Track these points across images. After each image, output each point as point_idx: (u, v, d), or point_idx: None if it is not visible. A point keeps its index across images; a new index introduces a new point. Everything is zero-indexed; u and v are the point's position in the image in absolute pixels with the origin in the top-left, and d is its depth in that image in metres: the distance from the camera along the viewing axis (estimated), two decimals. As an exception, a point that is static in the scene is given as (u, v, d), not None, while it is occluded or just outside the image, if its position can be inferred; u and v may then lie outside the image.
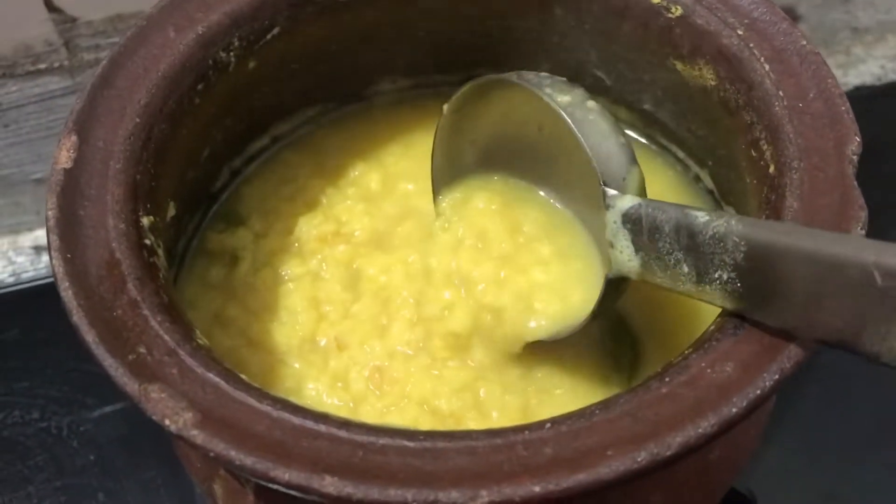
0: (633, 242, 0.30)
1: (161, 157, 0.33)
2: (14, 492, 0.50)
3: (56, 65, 0.60)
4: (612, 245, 0.31)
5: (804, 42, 0.33)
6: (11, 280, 0.64)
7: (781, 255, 0.25)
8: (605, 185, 0.31)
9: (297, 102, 0.43)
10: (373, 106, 0.45)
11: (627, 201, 0.31)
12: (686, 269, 0.28)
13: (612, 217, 0.31)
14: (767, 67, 0.32)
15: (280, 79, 0.41)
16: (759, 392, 0.25)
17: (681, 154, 0.42)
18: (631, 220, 0.30)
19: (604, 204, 0.31)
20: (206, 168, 0.40)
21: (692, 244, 0.28)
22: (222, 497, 0.32)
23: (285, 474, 0.24)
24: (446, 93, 0.39)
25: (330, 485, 0.24)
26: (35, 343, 0.57)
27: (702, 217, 0.27)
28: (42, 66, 0.60)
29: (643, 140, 0.43)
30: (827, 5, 0.71)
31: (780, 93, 0.32)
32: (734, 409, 0.25)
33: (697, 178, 0.41)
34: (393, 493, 0.23)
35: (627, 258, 0.31)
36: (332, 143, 0.44)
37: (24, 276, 0.65)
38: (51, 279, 0.64)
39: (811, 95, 0.32)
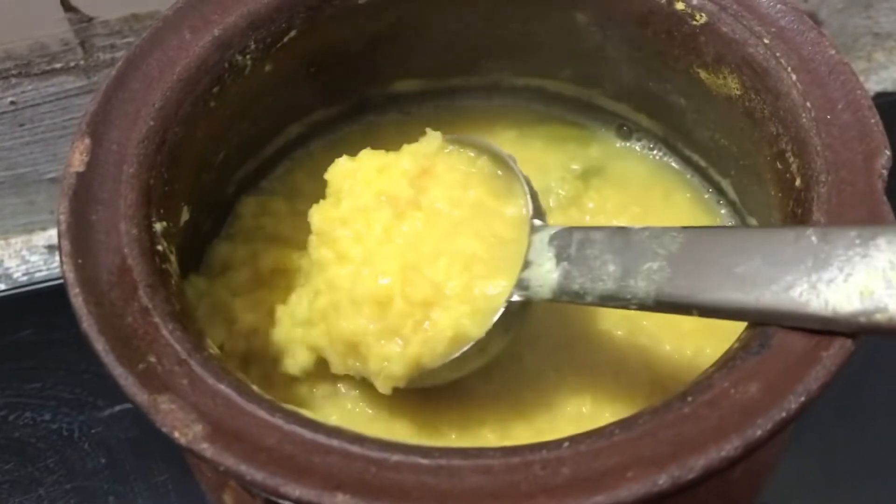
0: (557, 255, 0.32)
1: (175, 160, 0.32)
2: (25, 494, 0.50)
3: (72, 64, 0.60)
4: (528, 265, 0.33)
5: (833, 52, 0.32)
6: (25, 279, 0.64)
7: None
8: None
9: (314, 106, 0.43)
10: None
11: (556, 227, 0.33)
12: (612, 267, 0.30)
13: (539, 238, 0.33)
14: (794, 77, 0.32)
15: (296, 81, 0.40)
16: (784, 415, 0.24)
17: (703, 163, 0.41)
18: (559, 238, 0.32)
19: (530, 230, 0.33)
20: (220, 172, 0.39)
21: (625, 246, 0.30)
22: (232, 508, 0.31)
23: (296, 491, 0.23)
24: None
25: (342, 503, 0.23)
26: (48, 344, 0.56)
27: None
28: (58, 65, 0.60)
29: (664, 151, 0.43)
30: (849, 11, 0.71)
31: (808, 104, 0.31)
32: (759, 432, 0.24)
33: (720, 189, 0.41)
34: (407, 512, 0.23)
35: (547, 270, 0.32)
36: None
37: (38, 275, 0.65)
38: (61, 281, 0.64)
39: (840, 107, 0.31)
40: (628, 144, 0.44)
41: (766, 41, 0.33)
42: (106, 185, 0.30)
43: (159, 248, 0.30)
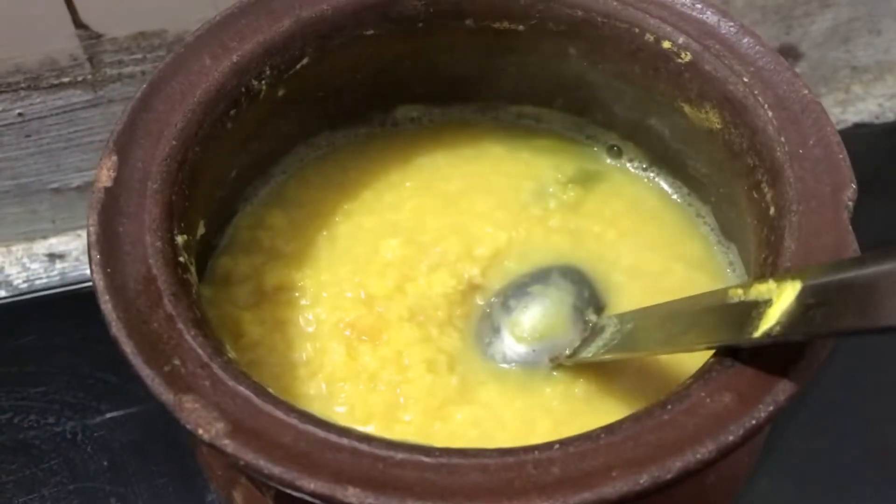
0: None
1: (194, 178, 0.35)
2: (28, 494, 0.52)
3: (79, 79, 0.61)
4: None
5: (806, 91, 0.35)
6: (25, 287, 0.66)
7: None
8: None
9: (320, 127, 0.45)
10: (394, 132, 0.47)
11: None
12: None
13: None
14: (771, 114, 0.34)
15: (306, 105, 0.43)
16: (754, 422, 0.27)
17: (685, 190, 0.44)
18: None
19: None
20: (232, 188, 0.41)
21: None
22: (241, 504, 0.33)
23: (310, 484, 0.26)
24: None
25: (352, 496, 0.25)
26: (51, 349, 0.58)
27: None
28: (66, 79, 0.61)
29: (655, 173, 0.45)
30: (828, 45, 0.73)
31: (782, 138, 0.33)
32: (731, 438, 0.27)
33: (700, 214, 0.43)
34: (413, 504, 0.25)
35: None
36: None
37: (38, 283, 0.66)
38: (64, 287, 0.65)
39: (811, 142, 0.33)
40: (619, 163, 0.46)
41: (745, 80, 0.36)
42: (132, 199, 0.32)
43: (181, 259, 0.32)
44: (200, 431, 0.27)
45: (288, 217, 0.44)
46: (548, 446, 0.27)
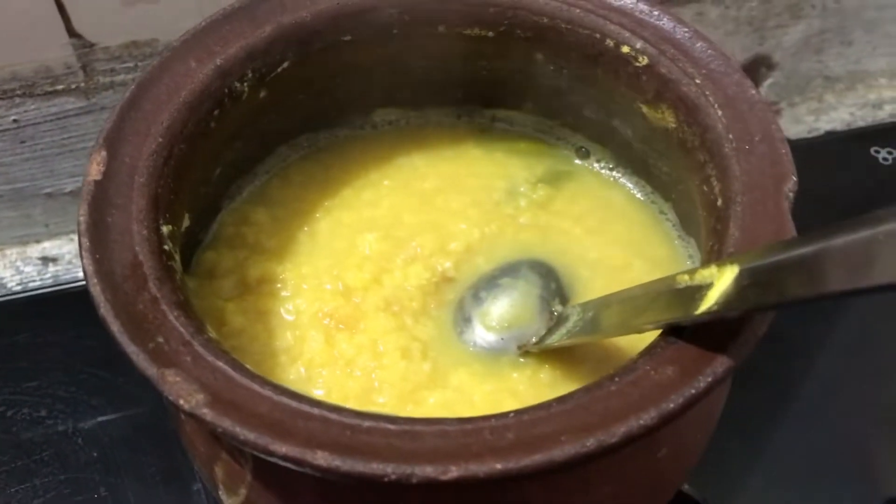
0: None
1: (179, 173, 0.37)
2: (21, 483, 0.53)
3: (73, 86, 0.63)
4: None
5: (753, 91, 0.37)
6: (19, 289, 0.67)
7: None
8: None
9: (302, 128, 0.47)
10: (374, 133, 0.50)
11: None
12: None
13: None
14: (720, 113, 0.37)
15: (287, 107, 0.45)
16: (694, 392, 0.29)
17: (649, 188, 0.46)
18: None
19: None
20: (216, 185, 0.44)
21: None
22: (222, 478, 0.35)
23: (282, 448, 0.28)
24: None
25: (321, 458, 0.27)
26: (44, 346, 0.60)
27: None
28: (59, 87, 0.63)
29: (620, 173, 0.48)
30: (801, 55, 0.76)
31: (730, 135, 0.36)
32: (671, 405, 0.29)
33: (662, 212, 0.46)
34: (375, 467, 0.27)
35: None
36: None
37: (31, 285, 0.68)
38: (57, 288, 0.67)
39: (757, 138, 0.36)
40: (587, 164, 0.49)
41: (697, 81, 0.38)
42: (120, 191, 0.34)
43: (166, 247, 0.34)
44: (182, 402, 0.29)
45: (271, 214, 0.46)
46: (504, 415, 0.29)
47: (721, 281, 0.29)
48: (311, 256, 0.45)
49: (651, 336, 0.33)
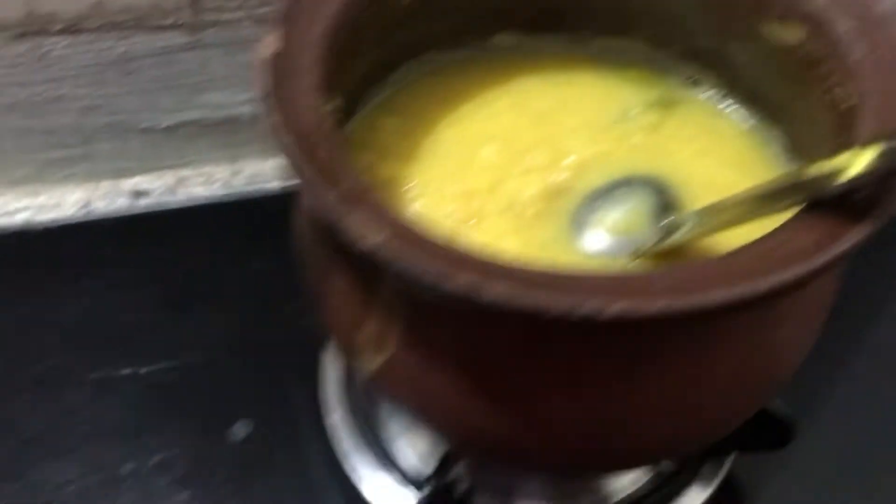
0: None
1: (340, 59, 0.40)
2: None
3: (180, 22, 0.65)
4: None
5: (878, 6, 0.40)
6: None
7: None
8: None
9: (429, 47, 0.50)
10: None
11: None
12: None
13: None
14: (848, 24, 0.39)
15: (421, 22, 0.48)
16: (835, 253, 0.31)
17: (758, 117, 0.49)
18: None
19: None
20: (354, 90, 0.47)
21: None
22: (370, 338, 0.38)
23: (462, 278, 0.30)
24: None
25: (501, 287, 0.30)
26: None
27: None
28: (167, 21, 0.65)
29: (726, 104, 0.50)
30: None
31: (859, 43, 0.38)
32: (812, 266, 0.31)
33: (770, 139, 0.48)
34: (552, 298, 0.30)
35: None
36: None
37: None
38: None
39: (884, 46, 0.38)
40: (696, 93, 0.51)
41: (822, -4, 0.41)
42: (295, 64, 0.37)
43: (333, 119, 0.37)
44: (367, 237, 0.31)
45: (398, 123, 0.49)
46: (664, 268, 0.32)
47: (862, 157, 0.31)
48: (435, 163, 0.48)
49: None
